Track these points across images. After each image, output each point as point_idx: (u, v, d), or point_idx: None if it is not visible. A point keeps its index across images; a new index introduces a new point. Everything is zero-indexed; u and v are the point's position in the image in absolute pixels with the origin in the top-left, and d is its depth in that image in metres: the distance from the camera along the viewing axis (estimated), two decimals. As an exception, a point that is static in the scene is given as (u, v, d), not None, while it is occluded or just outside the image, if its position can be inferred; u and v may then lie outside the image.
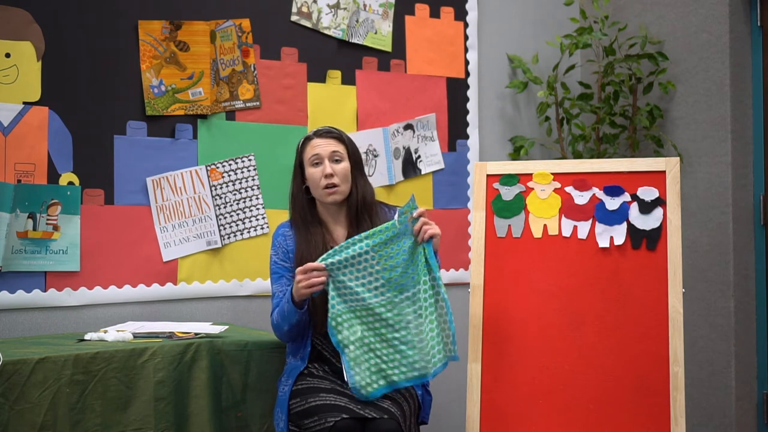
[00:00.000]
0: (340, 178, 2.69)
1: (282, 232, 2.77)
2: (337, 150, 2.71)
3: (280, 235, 2.76)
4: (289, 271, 2.71)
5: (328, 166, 2.68)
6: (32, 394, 2.35)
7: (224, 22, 3.35)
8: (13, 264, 2.93)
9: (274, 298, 2.71)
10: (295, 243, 2.72)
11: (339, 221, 2.76)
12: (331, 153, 2.70)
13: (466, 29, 3.95)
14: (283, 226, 2.79)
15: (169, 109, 3.23)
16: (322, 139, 2.72)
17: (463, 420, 2.76)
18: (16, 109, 2.97)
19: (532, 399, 2.67)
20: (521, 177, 2.86)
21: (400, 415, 2.49)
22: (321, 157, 2.69)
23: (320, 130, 2.76)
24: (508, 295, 2.77)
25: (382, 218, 2.74)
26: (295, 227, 2.75)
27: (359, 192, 2.74)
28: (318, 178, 2.69)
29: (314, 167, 2.69)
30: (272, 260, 2.75)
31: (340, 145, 2.72)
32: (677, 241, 2.68)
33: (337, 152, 2.70)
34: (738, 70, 3.79)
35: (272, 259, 2.75)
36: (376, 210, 2.76)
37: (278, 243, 2.75)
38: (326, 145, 2.71)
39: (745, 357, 3.78)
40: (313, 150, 2.71)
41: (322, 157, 2.69)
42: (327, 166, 2.68)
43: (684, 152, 3.88)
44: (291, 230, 2.76)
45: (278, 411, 2.64)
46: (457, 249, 3.88)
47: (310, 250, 2.66)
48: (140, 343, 2.60)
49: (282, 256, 2.73)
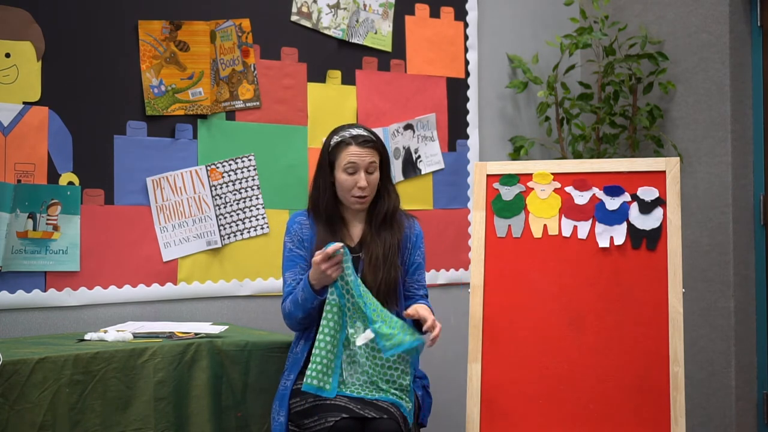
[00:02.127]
0: (371, 189, 2.69)
1: (298, 220, 2.76)
2: (373, 161, 2.67)
3: (296, 223, 2.75)
4: (303, 260, 2.70)
5: (363, 179, 2.65)
6: (32, 394, 2.35)
7: (224, 22, 3.35)
8: (13, 264, 2.93)
9: (285, 285, 2.70)
10: (315, 233, 2.71)
11: (358, 219, 2.76)
12: (368, 164, 2.66)
13: (466, 29, 3.95)
14: (299, 214, 2.78)
15: (169, 109, 3.23)
16: (362, 149, 2.66)
17: (463, 420, 2.76)
18: (16, 109, 2.97)
19: (532, 399, 2.67)
20: (521, 177, 2.86)
21: (399, 415, 2.49)
22: (357, 167, 2.65)
23: (360, 137, 2.68)
24: (508, 295, 2.76)
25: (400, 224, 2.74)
26: (317, 219, 2.73)
27: (390, 202, 2.73)
28: (350, 187, 2.67)
29: (348, 174, 2.66)
30: (286, 247, 2.74)
31: (376, 155, 2.69)
32: (677, 241, 2.68)
33: (374, 163, 2.68)
34: (738, 70, 3.79)
35: (286, 246, 2.74)
36: (398, 217, 2.76)
37: (294, 231, 2.74)
38: (365, 155, 2.66)
39: (745, 357, 3.78)
40: (350, 157, 2.65)
41: (359, 167, 2.65)
42: (362, 178, 2.65)
43: (684, 152, 3.88)
44: (308, 220, 2.75)
45: (277, 404, 2.63)
46: (457, 249, 3.88)
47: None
48: (140, 343, 2.60)
49: (297, 244, 2.72)
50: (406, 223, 2.78)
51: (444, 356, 3.76)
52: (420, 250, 2.78)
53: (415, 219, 2.83)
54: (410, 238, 2.77)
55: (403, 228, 2.75)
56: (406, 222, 2.78)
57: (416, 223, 2.82)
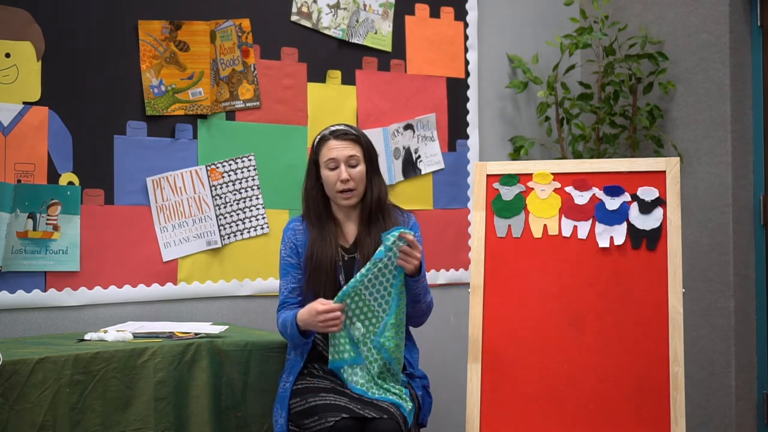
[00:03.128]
0: (356, 182, 2.68)
1: (292, 227, 2.77)
2: (353, 154, 2.68)
3: (290, 230, 2.76)
4: (295, 268, 2.72)
5: (344, 172, 2.66)
6: (32, 394, 2.35)
7: (224, 22, 3.35)
8: (13, 264, 2.93)
9: (280, 293, 2.74)
10: (308, 239, 2.71)
11: (351, 219, 2.76)
12: (348, 158, 2.67)
13: (466, 29, 3.95)
14: (294, 220, 2.79)
15: (169, 109, 3.23)
16: (339, 142, 2.69)
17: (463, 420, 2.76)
18: (16, 109, 2.97)
19: (532, 399, 2.67)
20: (521, 177, 2.86)
21: (399, 415, 2.49)
22: (337, 162, 2.67)
23: (337, 131, 2.72)
24: (508, 295, 2.76)
25: (394, 220, 2.74)
26: (309, 223, 2.74)
27: (374, 193, 2.73)
28: (333, 182, 2.68)
29: (330, 170, 2.68)
30: (281, 255, 2.76)
31: (356, 148, 2.70)
32: (677, 241, 2.68)
33: (354, 156, 2.68)
34: (738, 70, 3.79)
35: (281, 254, 2.76)
36: (389, 210, 2.76)
37: (287, 238, 2.75)
38: (343, 148, 2.68)
39: (745, 357, 3.78)
40: (330, 153, 2.68)
41: (339, 161, 2.67)
42: (343, 171, 2.66)
43: (684, 152, 3.88)
44: (302, 225, 2.76)
45: (278, 407, 2.64)
46: (457, 249, 3.88)
47: (323, 248, 2.67)
48: (140, 343, 2.60)
49: (289, 252, 2.73)
50: (401, 219, 2.77)
51: (444, 356, 3.76)
52: None
53: (411, 214, 2.83)
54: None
55: (398, 223, 2.74)
56: (400, 217, 2.78)
57: (412, 217, 2.82)
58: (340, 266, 2.69)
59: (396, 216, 2.77)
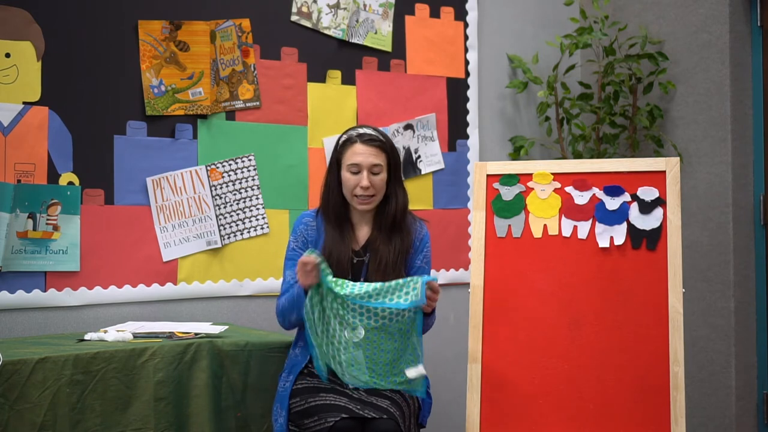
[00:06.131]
0: (375, 190, 2.67)
1: (305, 221, 2.76)
2: (378, 163, 2.66)
3: (303, 224, 2.75)
4: None
5: (365, 179, 2.64)
6: (32, 394, 2.35)
7: (224, 22, 3.35)
8: (13, 264, 2.93)
9: (284, 282, 2.72)
10: (323, 235, 2.70)
11: (365, 221, 2.75)
12: (372, 165, 2.65)
13: (466, 29, 3.95)
14: (307, 215, 2.78)
15: (169, 109, 3.23)
16: (366, 147, 2.66)
17: (463, 420, 2.76)
18: (16, 109, 2.97)
19: (532, 399, 2.67)
20: (521, 177, 2.86)
21: (399, 415, 2.49)
22: (360, 168, 2.65)
23: (365, 135, 2.68)
24: (508, 295, 2.76)
25: (410, 228, 2.72)
26: (326, 220, 2.73)
27: (397, 203, 2.70)
28: (353, 186, 2.66)
29: (351, 174, 2.66)
30: (290, 246, 2.74)
31: (381, 156, 2.67)
32: (677, 241, 2.68)
33: (379, 165, 2.66)
34: (738, 70, 3.79)
35: (290, 245, 2.75)
36: (406, 219, 2.74)
37: (300, 231, 2.74)
38: (368, 155, 2.65)
39: (745, 357, 3.78)
40: (354, 157, 2.65)
41: (362, 167, 2.65)
42: (364, 178, 2.64)
43: (684, 152, 3.88)
44: (314, 221, 2.75)
45: (277, 406, 2.64)
46: (457, 249, 3.88)
47: (341, 250, 2.66)
48: (140, 343, 2.60)
49: (300, 244, 2.72)
50: (414, 227, 2.76)
51: (444, 356, 3.76)
52: (422, 254, 2.76)
53: (424, 223, 2.81)
54: (415, 242, 2.76)
55: (412, 232, 2.74)
56: (413, 225, 2.76)
57: (424, 228, 2.79)
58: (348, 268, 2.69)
59: (410, 224, 2.76)
